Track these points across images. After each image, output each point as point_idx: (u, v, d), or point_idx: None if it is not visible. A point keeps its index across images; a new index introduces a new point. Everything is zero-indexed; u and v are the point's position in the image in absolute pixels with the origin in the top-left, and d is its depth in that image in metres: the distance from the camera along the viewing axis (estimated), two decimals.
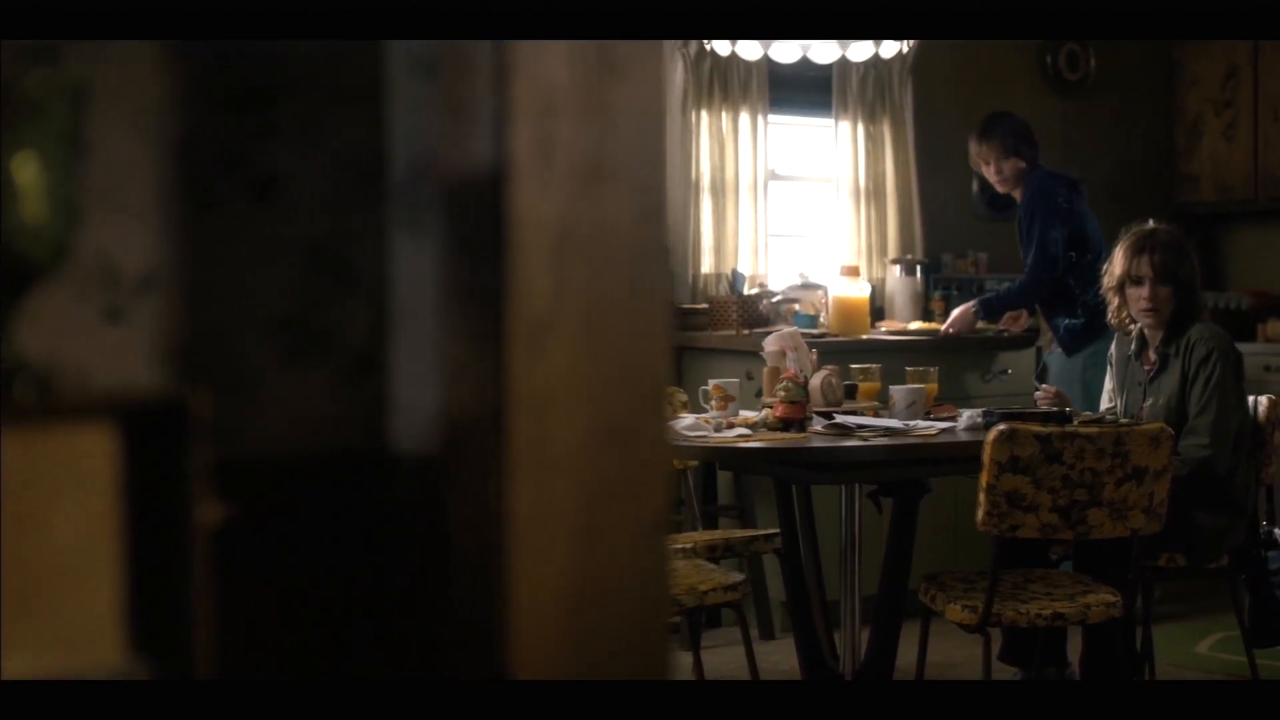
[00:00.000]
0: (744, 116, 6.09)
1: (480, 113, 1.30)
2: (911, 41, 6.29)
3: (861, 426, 3.99)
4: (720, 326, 5.84)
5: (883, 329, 6.05)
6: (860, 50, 4.37)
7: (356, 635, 1.35)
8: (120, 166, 1.36)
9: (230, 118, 1.42)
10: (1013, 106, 6.85)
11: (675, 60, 5.93)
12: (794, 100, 6.34)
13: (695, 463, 4.98)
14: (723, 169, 6.06)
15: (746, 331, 5.64)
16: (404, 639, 1.34)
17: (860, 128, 6.37)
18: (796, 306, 5.88)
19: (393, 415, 1.41)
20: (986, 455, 3.58)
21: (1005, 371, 5.98)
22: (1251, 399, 4.49)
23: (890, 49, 4.41)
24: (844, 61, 5.50)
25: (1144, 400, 4.39)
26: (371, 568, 1.38)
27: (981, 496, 3.62)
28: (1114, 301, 4.38)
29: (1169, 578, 4.44)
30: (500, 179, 1.29)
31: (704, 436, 3.90)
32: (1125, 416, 4.41)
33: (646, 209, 1.35)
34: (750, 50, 4.37)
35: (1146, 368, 4.40)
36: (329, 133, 1.43)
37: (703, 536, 4.72)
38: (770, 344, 4.38)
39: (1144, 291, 4.27)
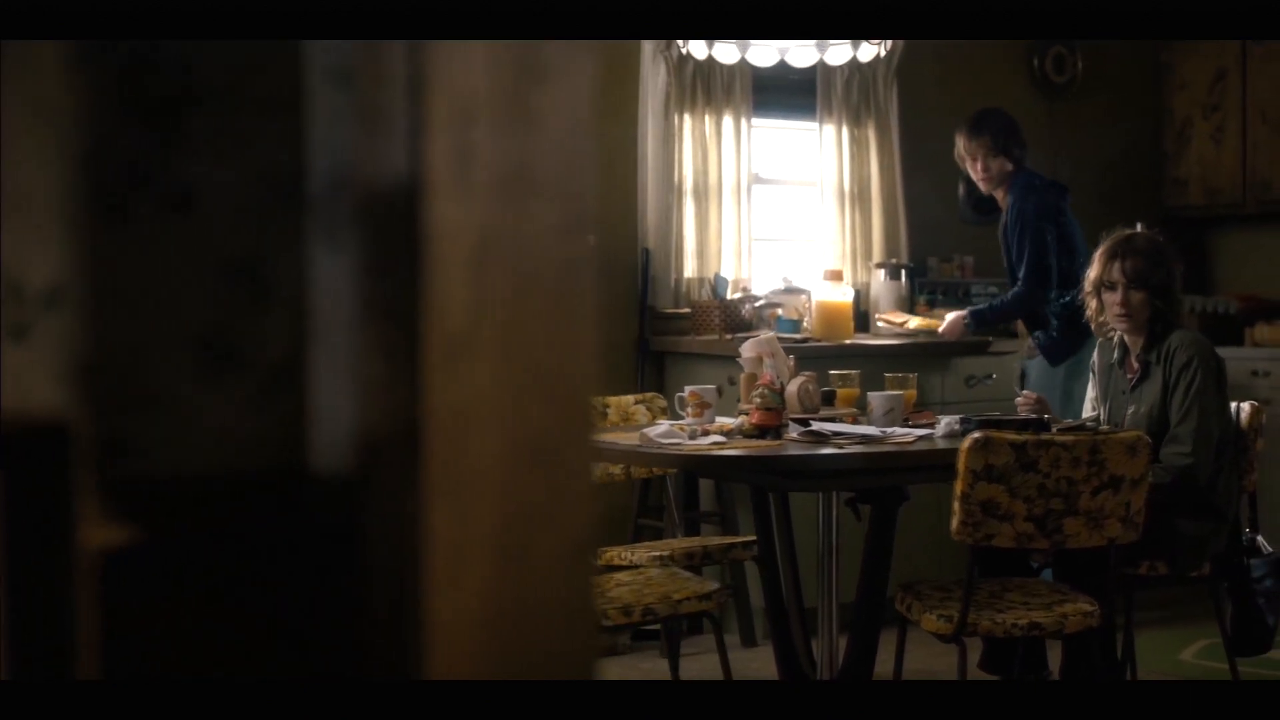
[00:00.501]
0: (727, 119, 6.05)
1: (395, 122, 1.26)
2: (894, 43, 6.25)
3: (837, 434, 3.95)
4: (702, 331, 5.81)
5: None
6: (838, 54, 4.32)
7: (269, 657, 1.31)
8: (27, 178, 1.32)
9: (143, 128, 1.38)
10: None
11: (658, 63, 5.89)
12: (778, 103, 6.30)
13: (674, 470, 4.94)
14: (706, 172, 6.02)
15: (729, 336, 5.60)
16: (318, 662, 1.30)
17: (845, 130, 6.33)
18: (779, 311, 5.84)
19: (310, 433, 1.36)
20: (961, 464, 3.54)
21: (990, 376, 5.95)
22: (1234, 405, 4.46)
23: (868, 52, 4.36)
24: (827, 64, 5.46)
25: (1127, 408, 4.36)
26: (286, 589, 1.33)
27: (956, 505, 3.58)
28: (1092, 305, 4.36)
29: (1150, 585, 4.41)
30: (416, 190, 1.25)
31: (678, 444, 3.85)
32: (1108, 424, 4.38)
33: (573, 219, 1.31)
34: (728, 54, 4.33)
35: (1129, 376, 4.37)
36: (246, 144, 1.39)
37: (680, 544, 4.68)
38: (747, 350, 4.34)
39: (1117, 297, 4.25)
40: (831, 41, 4.31)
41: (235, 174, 1.36)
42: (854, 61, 5.96)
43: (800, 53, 4.35)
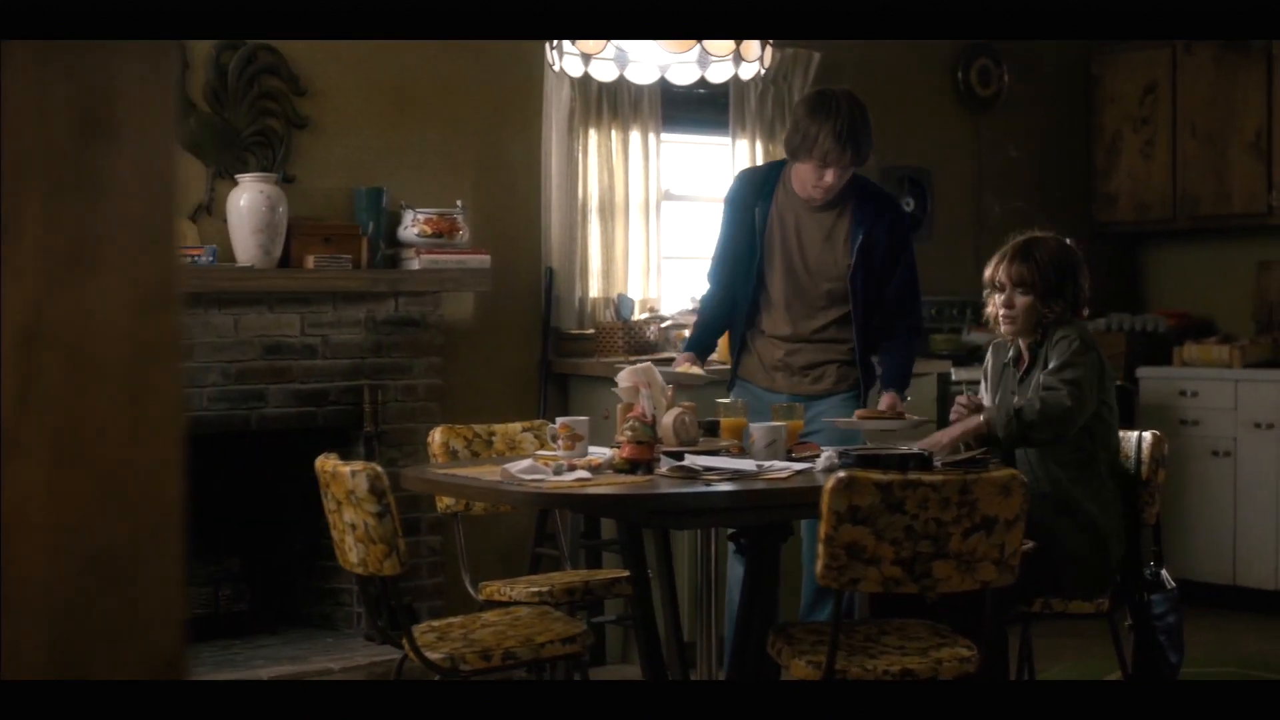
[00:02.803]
0: (635, 135, 5.88)
1: None
2: (814, 58, 6.08)
3: (709, 469, 3.77)
4: (607, 353, 5.64)
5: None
6: (720, 71, 4.15)
7: None
8: None
9: None
10: (922, 123, 6.66)
11: (562, 78, 5.71)
12: (689, 118, 6.14)
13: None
14: (612, 189, 5.85)
15: (633, 359, 5.42)
16: None
17: (759, 145, 6.17)
18: (686, 332, 5.66)
19: None
20: (824, 504, 3.36)
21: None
22: (1135, 435, 4.32)
23: (749, 70, 4.19)
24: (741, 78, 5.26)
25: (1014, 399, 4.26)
26: None
27: (820, 548, 3.40)
28: (989, 302, 4.27)
29: (1044, 620, 4.26)
30: None
31: (539, 481, 3.67)
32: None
33: (149, 297, 1.14)
34: (605, 71, 4.15)
35: (1019, 370, 4.30)
36: None
37: (563, 578, 4.51)
38: (623, 379, 4.15)
39: (1001, 298, 4.17)
40: (712, 56, 4.12)
41: None
42: (768, 74, 5.78)
43: (681, 70, 4.17)
